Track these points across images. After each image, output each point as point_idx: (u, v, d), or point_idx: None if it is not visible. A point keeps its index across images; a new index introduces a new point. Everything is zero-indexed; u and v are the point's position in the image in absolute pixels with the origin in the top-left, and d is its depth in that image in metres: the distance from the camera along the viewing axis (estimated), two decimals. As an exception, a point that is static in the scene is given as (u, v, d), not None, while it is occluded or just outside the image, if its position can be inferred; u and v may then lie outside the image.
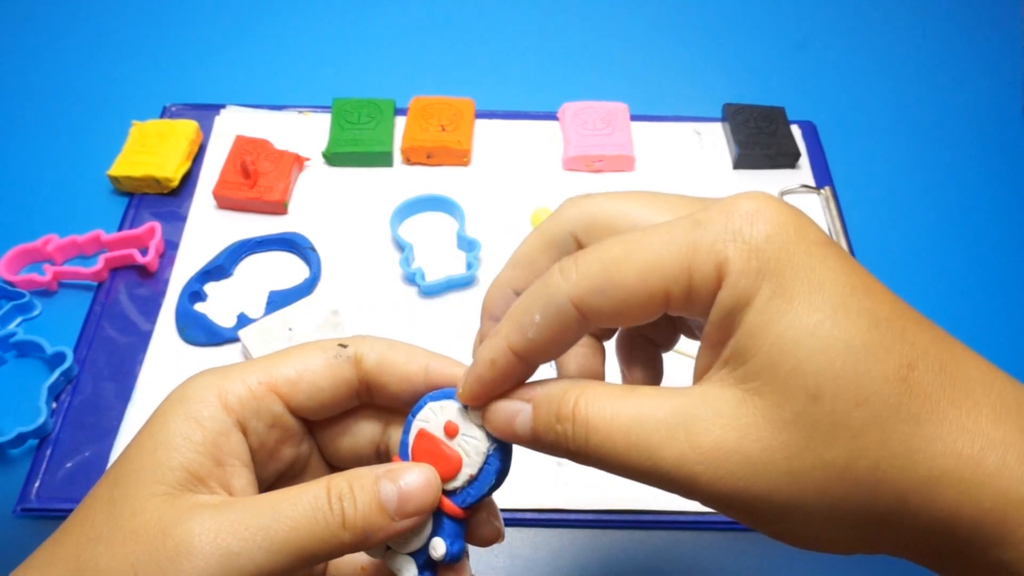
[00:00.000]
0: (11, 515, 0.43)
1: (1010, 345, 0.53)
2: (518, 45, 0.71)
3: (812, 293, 0.21)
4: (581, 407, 0.23)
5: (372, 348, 0.27)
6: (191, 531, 0.22)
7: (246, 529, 0.23)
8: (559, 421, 0.23)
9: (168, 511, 0.23)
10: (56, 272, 0.53)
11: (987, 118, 0.67)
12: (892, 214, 0.59)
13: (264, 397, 0.26)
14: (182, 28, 0.72)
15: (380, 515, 0.24)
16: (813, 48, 0.72)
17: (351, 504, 0.24)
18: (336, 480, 0.24)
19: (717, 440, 0.21)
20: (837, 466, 0.21)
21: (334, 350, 0.27)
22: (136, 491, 0.24)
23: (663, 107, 0.65)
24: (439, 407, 0.26)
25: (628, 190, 0.26)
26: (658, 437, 0.22)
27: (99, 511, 0.24)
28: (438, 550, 0.25)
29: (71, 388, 0.48)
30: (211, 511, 0.23)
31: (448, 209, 0.57)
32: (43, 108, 0.65)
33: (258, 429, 0.26)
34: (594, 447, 0.22)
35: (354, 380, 0.27)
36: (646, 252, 0.22)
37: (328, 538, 0.23)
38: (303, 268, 0.54)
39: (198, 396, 0.25)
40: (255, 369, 0.26)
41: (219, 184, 0.57)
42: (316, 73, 0.68)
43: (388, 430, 0.29)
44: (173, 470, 0.24)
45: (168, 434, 0.24)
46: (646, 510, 0.44)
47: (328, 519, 0.23)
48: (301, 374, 0.26)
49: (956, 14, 0.76)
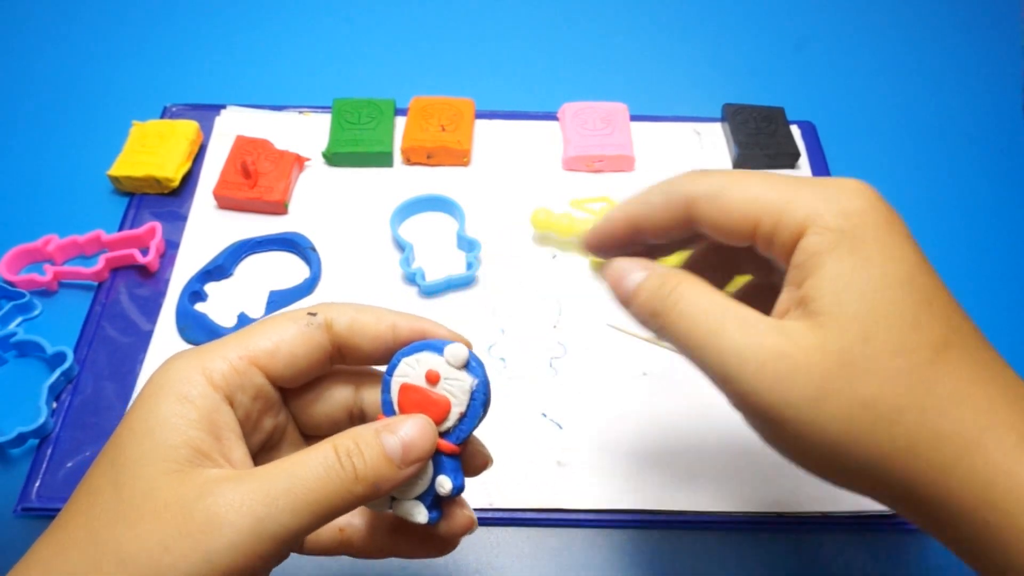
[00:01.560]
0: (11, 515, 0.43)
1: (1010, 345, 0.53)
2: (518, 45, 0.71)
3: (885, 261, 0.25)
4: (683, 284, 0.28)
5: (341, 313, 0.29)
6: (216, 503, 0.23)
7: (267, 495, 0.24)
8: (662, 285, 0.28)
9: (185, 487, 0.24)
10: (56, 272, 0.53)
11: (987, 118, 0.67)
12: (892, 214, 0.60)
13: (246, 370, 0.27)
14: (182, 28, 0.72)
15: (388, 465, 0.26)
16: (813, 48, 0.72)
17: (360, 459, 0.25)
18: (340, 440, 0.26)
19: (777, 343, 0.25)
20: (863, 399, 0.24)
21: (305, 319, 0.28)
22: (143, 472, 0.24)
23: (663, 107, 0.65)
24: (415, 360, 0.28)
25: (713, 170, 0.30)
26: (731, 324, 0.26)
27: (105, 496, 0.24)
28: (445, 487, 0.28)
29: (71, 388, 0.48)
30: (230, 483, 0.24)
31: (448, 209, 0.57)
32: (43, 108, 0.65)
33: (244, 401, 0.27)
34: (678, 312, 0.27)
35: (327, 345, 0.28)
36: (755, 186, 0.27)
37: (344, 493, 0.25)
38: (303, 268, 0.54)
39: (183, 377, 0.26)
40: (233, 344, 0.27)
41: (219, 184, 0.57)
42: (316, 73, 0.68)
43: (359, 393, 0.30)
44: (177, 448, 0.25)
45: (163, 415, 0.25)
46: (646, 510, 0.44)
47: (341, 475, 0.25)
48: (278, 344, 0.28)
49: (956, 14, 0.76)
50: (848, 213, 0.26)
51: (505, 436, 0.46)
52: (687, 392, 0.49)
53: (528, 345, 0.51)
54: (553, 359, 0.50)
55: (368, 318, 0.29)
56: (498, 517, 0.44)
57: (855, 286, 0.25)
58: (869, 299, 0.25)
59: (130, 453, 0.25)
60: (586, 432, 0.47)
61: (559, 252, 0.56)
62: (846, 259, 0.25)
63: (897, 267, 0.25)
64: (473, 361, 0.28)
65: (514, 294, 0.53)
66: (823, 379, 0.25)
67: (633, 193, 0.30)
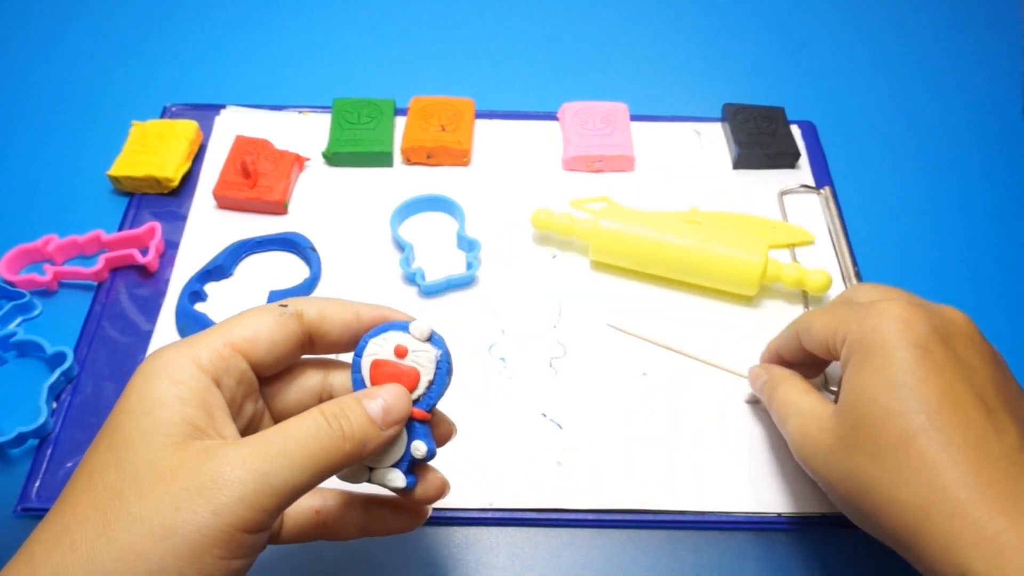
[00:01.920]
0: (11, 515, 0.43)
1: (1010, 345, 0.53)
2: (518, 45, 0.71)
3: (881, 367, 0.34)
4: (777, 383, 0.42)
5: (310, 304, 0.31)
6: (221, 463, 0.25)
7: (266, 454, 0.26)
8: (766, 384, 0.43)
9: (188, 454, 0.25)
10: (56, 272, 0.53)
11: (987, 118, 0.67)
12: (892, 214, 0.60)
13: (230, 356, 0.29)
14: (182, 28, 0.72)
15: (371, 426, 0.28)
16: (813, 48, 0.72)
17: (346, 420, 0.28)
18: (326, 406, 0.28)
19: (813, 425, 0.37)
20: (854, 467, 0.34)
21: (278, 309, 0.31)
22: (145, 447, 0.25)
23: (663, 107, 0.65)
24: (382, 340, 0.31)
25: None
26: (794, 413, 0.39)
27: (108, 473, 0.25)
28: (420, 450, 0.31)
29: (71, 388, 0.48)
30: (230, 446, 0.26)
31: (448, 209, 0.57)
32: (43, 108, 0.65)
33: (229, 384, 0.29)
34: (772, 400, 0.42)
35: (299, 332, 0.31)
36: (826, 319, 0.39)
37: (334, 451, 0.27)
38: (303, 268, 0.54)
39: (173, 362, 0.28)
40: (216, 333, 0.29)
41: (219, 184, 0.57)
42: (316, 73, 0.68)
43: (328, 379, 0.33)
44: (176, 424, 0.26)
45: (159, 396, 0.27)
46: (646, 509, 0.44)
47: (331, 434, 0.27)
48: (257, 332, 0.30)
49: (956, 14, 0.76)
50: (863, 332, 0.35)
51: (505, 436, 0.46)
52: (687, 392, 0.49)
53: (528, 345, 0.51)
54: (553, 359, 0.50)
55: (334, 307, 0.31)
56: (498, 517, 0.44)
57: (854, 388, 0.35)
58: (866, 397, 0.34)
59: (129, 432, 0.26)
60: (586, 432, 0.47)
61: (559, 252, 0.56)
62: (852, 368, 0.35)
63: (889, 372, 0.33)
64: (435, 335, 0.31)
65: (514, 294, 0.53)
66: (829, 451, 0.36)
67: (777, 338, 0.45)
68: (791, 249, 0.56)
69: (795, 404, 0.39)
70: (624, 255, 0.53)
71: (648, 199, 0.58)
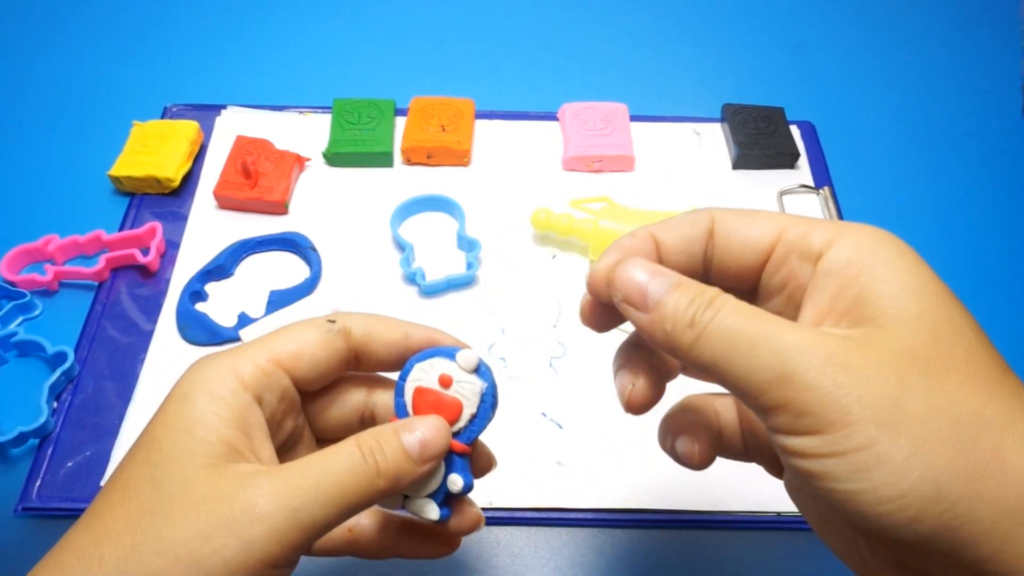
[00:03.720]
0: (12, 514, 0.43)
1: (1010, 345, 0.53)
2: (518, 45, 0.71)
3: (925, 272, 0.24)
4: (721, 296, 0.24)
5: (358, 321, 0.30)
6: (254, 495, 0.25)
7: (299, 488, 0.25)
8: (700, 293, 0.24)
9: (223, 481, 0.25)
10: (57, 272, 0.53)
11: (987, 118, 0.67)
12: (891, 214, 0.60)
13: (273, 372, 0.28)
14: (182, 28, 0.72)
15: (407, 461, 0.27)
16: (812, 48, 0.72)
17: (381, 455, 0.27)
18: (363, 438, 0.27)
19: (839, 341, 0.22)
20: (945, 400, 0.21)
21: (325, 325, 0.30)
22: (181, 467, 0.25)
23: (663, 107, 0.66)
24: (428, 365, 0.30)
25: None
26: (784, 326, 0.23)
27: (143, 489, 0.25)
28: (457, 484, 0.29)
29: (72, 388, 0.48)
30: (265, 476, 0.25)
31: (448, 209, 0.57)
32: (44, 108, 0.65)
33: (271, 401, 0.28)
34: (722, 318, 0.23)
35: (345, 350, 0.30)
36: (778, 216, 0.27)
37: (367, 487, 0.26)
38: (304, 268, 0.54)
39: (216, 377, 0.27)
40: (260, 348, 0.29)
41: (220, 184, 0.57)
42: (316, 73, 0.68)
43: (371, 397, 0.32)
44: (213, 445, 0.26)
45: (199, 413, 0.26)
46: (646, 509, 0.44)
47: (365, 470, 0.26)
48: (301, 348, 0.29)
49: (956, 14, 0.76)
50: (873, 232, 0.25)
51: (505, 436, 0.46)
52: (687, 391, 0.49)
53: (528, 345, 0.51)
54: (553, 359, 0.50)
55: (383, 326, 0.30)
56: (498, 516, 0.44)
57: (915, 289, 0.23)
58: (934, 303, 0.23)
59: (167, 449, 0.26)
60: (586, 432, 0.47)
61: (559, 252, 0.56)
62: (897, 265, 0.24)
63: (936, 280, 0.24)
64: (483, 366, 0.30)
65: (514, 294, 0.53)
66: (900, 377, 0.21)
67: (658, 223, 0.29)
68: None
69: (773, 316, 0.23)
70: None
71: (648, 199, 0.58)
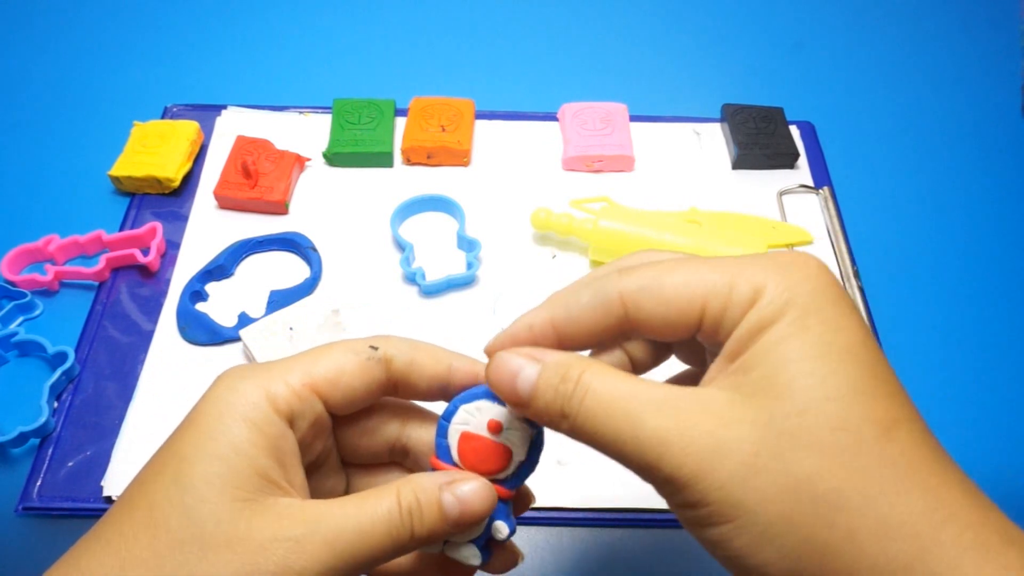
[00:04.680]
0: (13, 514, 0.43)
1: (1009, 345, 0.53)
2: (518, 45, 0.71)
3: (828, 332, 0.23)
4: (587, 374, 0.24)
5: (400, 350, 0.29)
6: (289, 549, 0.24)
7: (334, 545, 0.24)
8: (563, 381, 0.24)
9: (257, 519, 0.24)
10: (58, 272, 0.53)
11: (987, 118, 0.67)
12: (891, 214, 0.60)
13: (307, 397, 0.27)
14: (182, 28, 0.72)
15: (443, 524, 0.26)
16: (811, 48, 0.72)
17: (419, 518, 0.26)
18: (404, 492, 0.26)
19: (698, 422, 0.23)
20: (800, 477, 0.21)
21: (366, 352, 0.28)
22: (214, 497, 0.24)
23: (662, 107, 0.66)
24: (475, 408, 0.28)
25: None
26: (648, 410, 0.23)
27: (172, 516, 0.24)
28: (502, 532, 0.28)
29: (72, 387, 0.48)
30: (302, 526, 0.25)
31: (448, 209, 0.57)
32: (44, 108, 0.65)
33: (302, 427, 0.27)
34: (586, 408, 0.24)
35: (383, 380, 0.28)
36: (695, 271, 0.25)
37: (398, 546, 0.25)
38: (304, 268, 0.55)
39: (251, 400, 0.26)
40: (295, 369, 0.27)
41: (220, 184, 0.57)
42: (316, 73, 0.68)
43: (405, 429, 0.30)
44: (249, 477, 0.25)
45: (233, 440, 0.25)
46: (646, 508, 0.44)
47: (400, 532, 0.25)
48: (339, 375, 0.28)
49: (956, 14, 0.76)
50: (792, 284, 0.23)
51: (505, 435, 0.46)
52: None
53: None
54: (553, 359, 0.50)
55: (426, 358, 0.29)
56: (498, 516, 0.44)
57: (793, 355, 0.22)
58: (808, 369, 0.22)
59: (199, 474, 0.25)
60: (586, 431, 0.47)
61: (559, 252, 0.56)
62: (785, 329, 0.23)
63: (840, 337, 0.23)
64: None
65: (514, 294, 0.53)
66: (753, 455, 0.22)
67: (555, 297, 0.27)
68: (790, 249, 0.56)
69: (638, 394, 0.24)
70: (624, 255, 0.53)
71: (648, 199, 0.58)
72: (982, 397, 0.50)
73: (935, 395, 0.49)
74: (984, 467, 0.47)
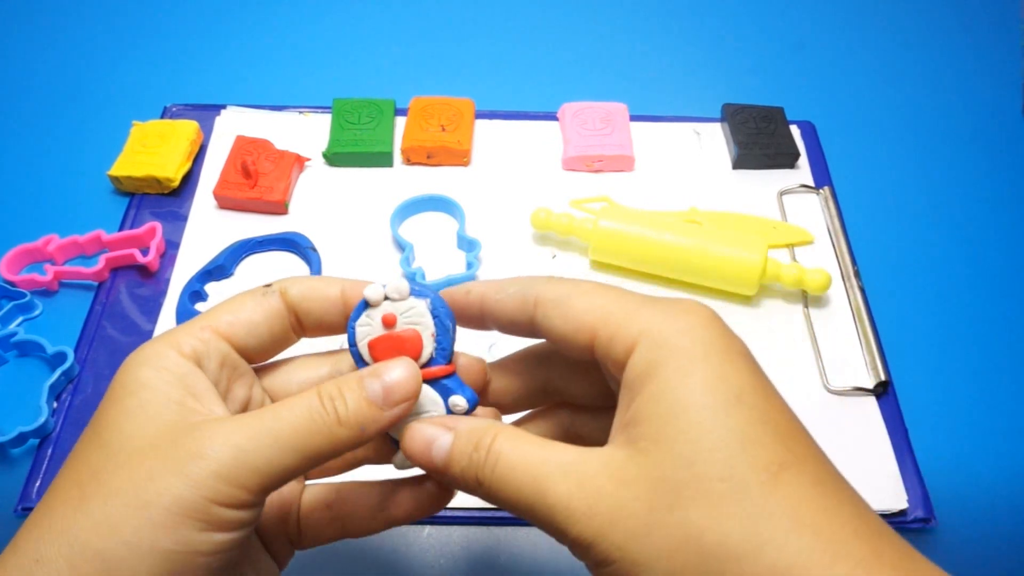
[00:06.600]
0: (12, 514, 0.43)
1: (1010, 345, 0.53)
2: (518, 45, 0.71)
3: (713, 380, 0.23)
4: (498, 442, 0.25)
5: (294, 283, 0.30)
6: (201, 437, 0.24)
7: (251, 429, 0.25)
8: (476, 450, 0.26)
9: (168, 430, 0.25)
10: (57, 272, 0.53)
11: (987, 118, 0.67)
12: (891, 214, 0.60)
13: (210, 339, 0.28)
14: (182, 28, 0.72)
15: (371, 408, 0.26)
16: (812, 48, 0.72)
17: (342, 403, 0.26)
18: (325, 385, 0.26)
19: (600, 485, 0.23)
20: (690, 530, 0.22)
21: (261, 290, 0.30)
22: (129, 424, 0.25)
23: (662, 107, 0.66)
24: (366, 318, 0.29)
25: None
26: (554, 476, 0.24)
27: (91, 454, 0.25)
28: (461, 404, 0.28)
29: (72, 388, 0.48)
30: (215, 422, 0.25)
31: (448, 209, 0.57)
32: (43, 108, 0.65)
33: (212, 368, 0.28)
34: (498, 476, 0.25)
35: (283, 312, 0.30)
36: (599, 297, 0.26)
37: (327, 435, 0.25)
38: (304, 268, 0.55)
39: (154, 351, 0.27)
40: (196, 321, 0.29)
41: (220, 184, 0.57)
42: (316, 73, 0.68)
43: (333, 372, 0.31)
44: (161, 404, 0.26)
45: (142, 380, 0.26)
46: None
47: (324, 418, 0.26)
48: (237, 314, 0.29)
49: (956, 14, 0.76)
50: (679, 330, 0.24)
51: (505, 436, 0.46)
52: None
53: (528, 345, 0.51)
54: (553, 359, 0.50)
55: (318, 283, 0.30)
56: (498, 517, 0.44)
57: (679, 407, 0.23)
58: (694, 420, 0.23)
59: (112, 415, 0.26)
60: (586, 432, 0.47)
61: (559, 252, 0.56)
62: (671, 379, 0.23)
63: (727, 385, 0.23)
64: (414, 285, 0.28)
65: (514, 294, 0.53)
66: (648, 511, 0.22)
67: (497, 280, 0.29)
68: (790, 249, 0.56)
69: (546, 460, 0.24)
70: (624, 255, 0.53)
71: (648, 199, 0.58)
72: (982, 397, 0.50)
73: (935, 395, 0.49)
74: (984, 467, 0.47)
